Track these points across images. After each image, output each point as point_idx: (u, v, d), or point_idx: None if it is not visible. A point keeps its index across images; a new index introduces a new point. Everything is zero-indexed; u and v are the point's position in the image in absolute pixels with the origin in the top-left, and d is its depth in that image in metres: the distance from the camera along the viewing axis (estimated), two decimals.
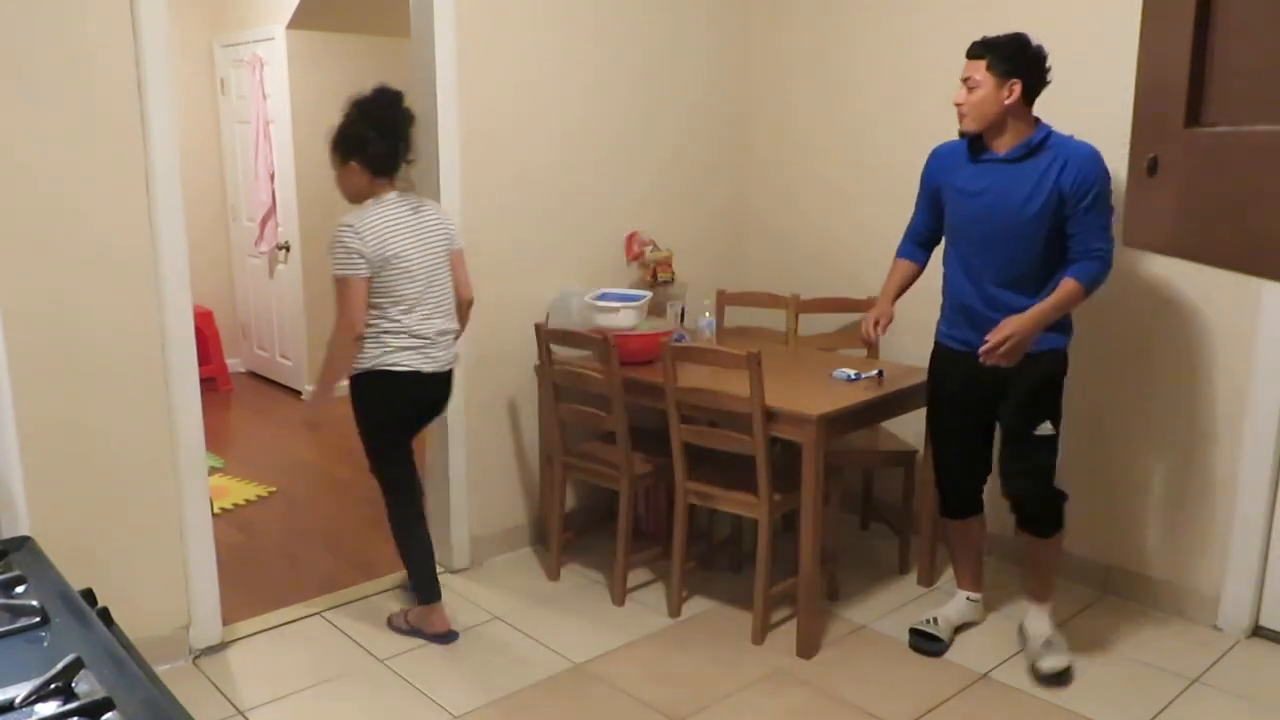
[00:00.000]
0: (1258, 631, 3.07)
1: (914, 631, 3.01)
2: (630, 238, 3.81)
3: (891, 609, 3.24)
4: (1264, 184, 0.52)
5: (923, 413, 3.29)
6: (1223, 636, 3.06)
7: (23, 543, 1.64)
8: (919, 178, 3.05)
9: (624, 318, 3.35)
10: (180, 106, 3.26)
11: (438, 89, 3.19)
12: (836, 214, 3.93)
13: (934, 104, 3.56)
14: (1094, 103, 3.16)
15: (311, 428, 3.86)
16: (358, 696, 2.73)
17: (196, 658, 2.90)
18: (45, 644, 1.33)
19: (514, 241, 3.48)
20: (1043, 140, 2.64)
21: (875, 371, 3.20)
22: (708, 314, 3.66)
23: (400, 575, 3.28)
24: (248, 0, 5.65)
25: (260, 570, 3.53)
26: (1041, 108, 3.27)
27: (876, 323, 2.98)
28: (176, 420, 2.77)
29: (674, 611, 3.18)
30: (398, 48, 5.61)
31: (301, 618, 3.16)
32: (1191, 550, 3.14)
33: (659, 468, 3.26)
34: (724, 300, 3.96)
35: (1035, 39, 2.65)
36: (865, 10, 3.72)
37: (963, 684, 2.80)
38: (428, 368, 2.85)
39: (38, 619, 1.37)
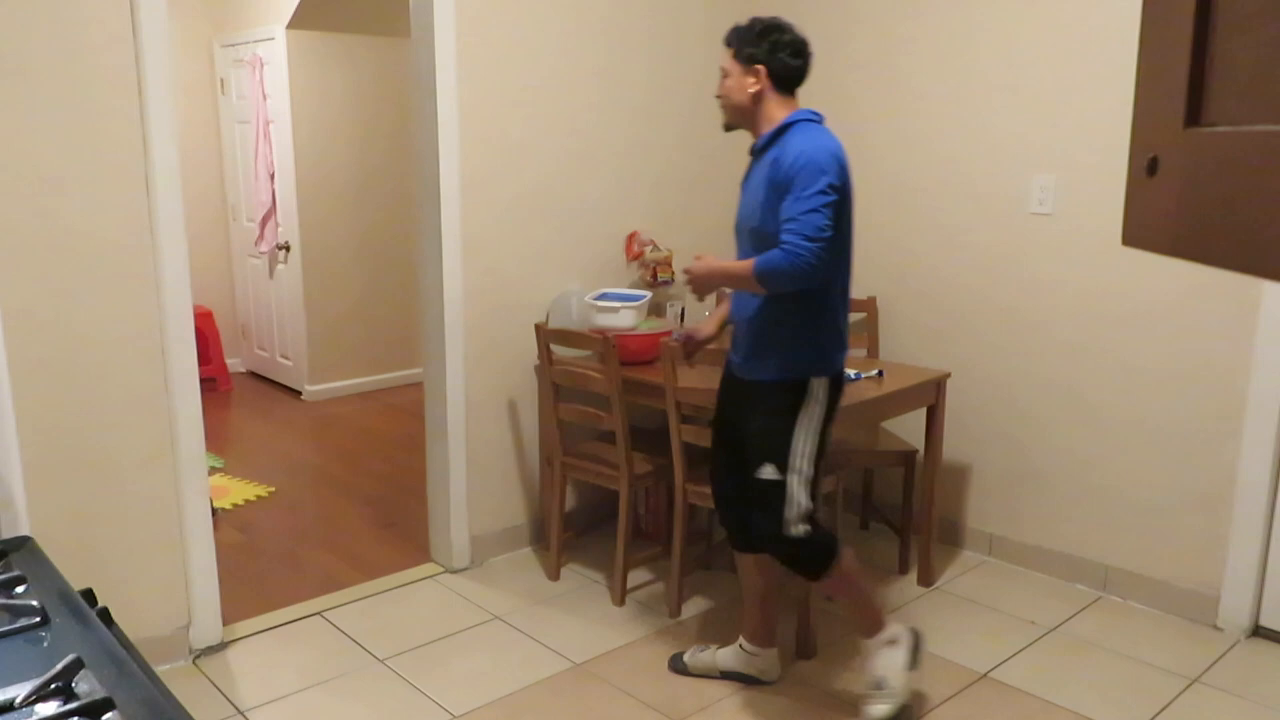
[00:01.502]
0: (1258, 631, 3.07)
1: (675, 656, 2.85)
2: (630, 238, 3.81)
3: (891, 609, 3.24)
4: (1264, 184, 0.52)
5: (923, 413, 3.30)
6: (1223, 636, 3.06)
7: (23, 543, 1.64)
8: (906, 176, 3.04)
9: (624, 318, 3.35)
10: (180, 106, 3.26)
11: (438, 89, 3.19)
12: None
13: (929, 107, 3.57)
14: (1094, 102, 3.16)
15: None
16: (358, 696, 2.73)
17: (196, 658, 2.90)
18: (45, 644, 1.33)
19: (514, 241, 3.48)
20: (780, 132, 2.36)
21: (875, 371, 3.20)
22: (707, 314, 3.66)
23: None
24: (248, 0, 5.65)
25: (260, 570, 3.53)
26: (1042, 107, 3.28)
27: (688, 338, 2.69)
28: (176, 420, 2.77)
29: (674, 611, 3.18)
30: (398, 48, 5.63)
31: (301, 618, 3.16)
32: (1191, 550, 3.14)
33: (659, 468, 3.26)
34: (724, 300, 3.96)
35: (779, 19, 2.40)
36: (863, 18, 3.72)
37: (963, 684, 2.80)
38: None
39: (38, 619, 1.37)
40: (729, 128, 2.51)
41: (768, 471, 2.42)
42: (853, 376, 3.15)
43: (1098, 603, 3.29)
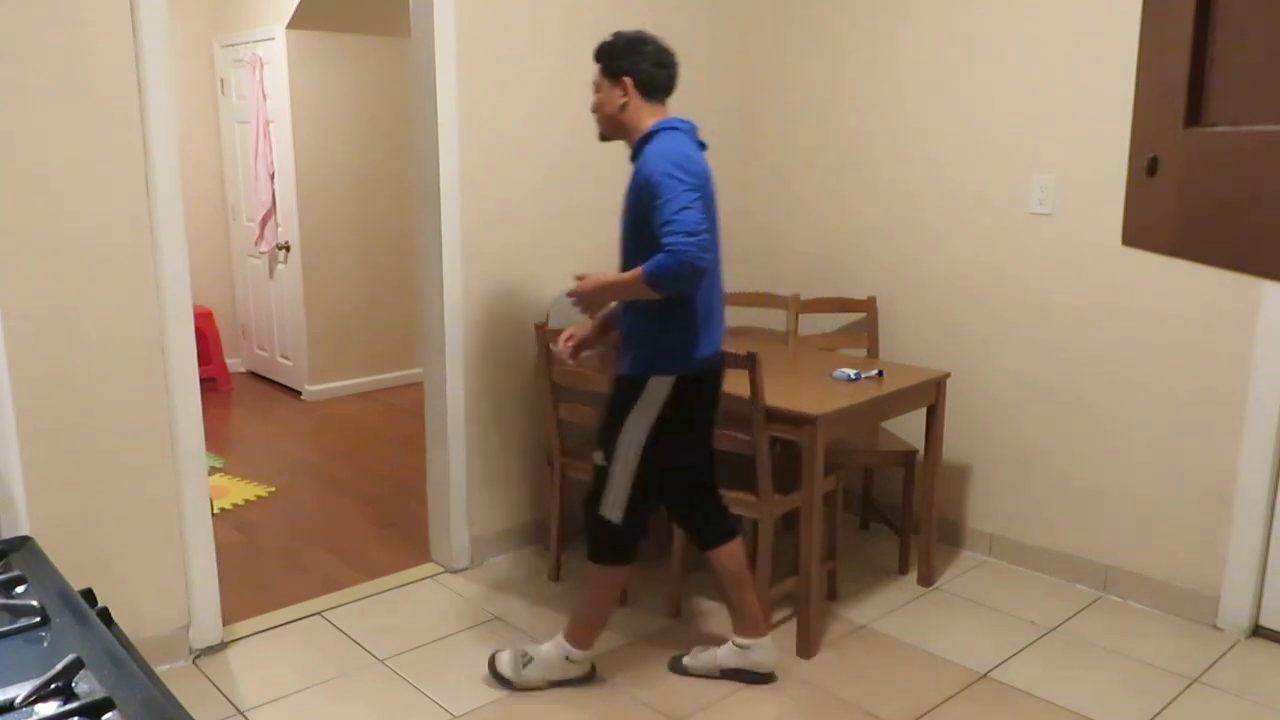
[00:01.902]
0: (1258, 631, 3.07)
1: (675, 657, 2.86)
2: None
3: (891, 609, 3.24)
4: (1264, 184, 0.52)
5: (923, 413, 3.30)
6: (1223, 636, 3.06)
7: (23, 543, 1.64)
8: (906, 176, 3.04)
9: None
10: (180, 106, 3.26)
11: (438, 89, 3.19)
12: (836, 215, 3.93)
13: (928, 107, 3.57)
14: (1094, 102, 3.16)
15: None
16: (358, 696, 2.73)
17: (196, 658, 2.90)
18: (45, 644, 1.33)
19: (514, 242, 3.48)
20: (645, 140, 2.46)
21: (875, 371, 3.20)
22: None
23: None
24: (248, 0, 5.65)
25: (260, 570, 3.53)
26: (1042, 107, 3.28)
27: (570, 338, 2.73)
28: (176, 420, 2.77)
29: (674, 611, 3.18)
30: (398, 48, 5.63)
31: (301, 618, 3.16)
32: (1191, 550, 3.14)
33: None
34: (724, 300, 3.96)
35: (642, 32, 2.55)
36: (862, 18, 3.72)
37: (963, 684, 2.80)
38: None
39: (38, 619, 1.37)
40: (604, 138, 2.59)
41: (598, 457, 2.59)
42: (853, 376, 3.15)
43: (1098, 603, 3.29)
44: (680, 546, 3.14)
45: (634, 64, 2.49)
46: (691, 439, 2.63)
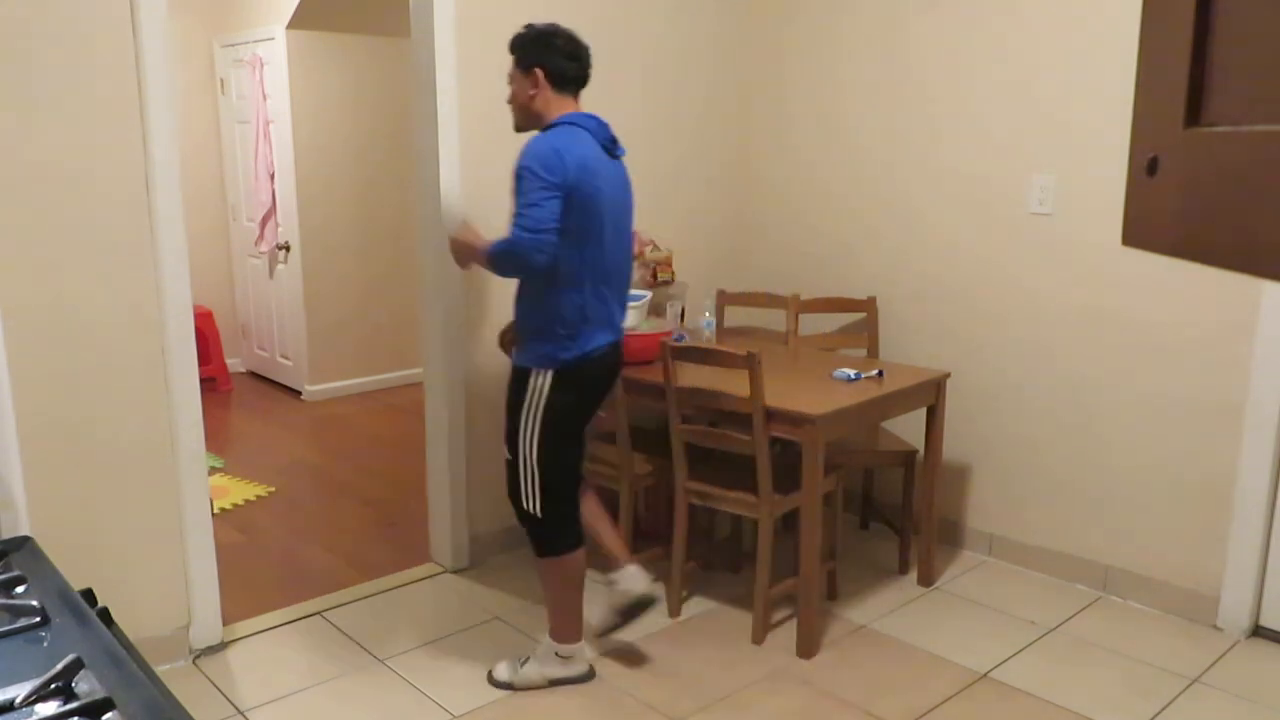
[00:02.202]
0: (1258, 631, 3.07)
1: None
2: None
3: (891, 609, 3.24)
4: (1264, 184, 0.52)
5: (923, 413, 3.30)
6: (1223, 636, 3.06)
7: (23, 543, 1.64)
8: (906, 176, 3.04)
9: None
10: (180, 106, 3.26)
11: (438, 89, 3.19)
12: (836, 214, 3.93)
13: (928, 107, 3.57)
14: (1094, 102, 3.16)
15: None
16: (358, 696, 2.73)
17: (196, 658, 2.90)
18: (45, 644, 1.33)
19: None
20: (547, 130, 2.53)
21: (875, 371, 3.20)
22: (708, 314, 3.66)
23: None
24: (248, 0, 5.65)
25: (260, 570, 3.53)
26: (1042, 107, 3.28)
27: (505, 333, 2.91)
28: (176, 420, 2.77)
29: (674, 611, 3.18)
30: (398, 48, 5.63)
31: (301, 618, 3.16)
32: (1191, 550, 3.14)
33: (659, 468, 3.26)
34: (724, 300, 3.97)
35: (555, 24, 2.60)
36: (863, 20, 3.72)
37: (963, 684, 2.80)
38: None
39: (38, 619, 1.37)
40: (518, 129, 2.64)
41: (506, 451, 2.66)
42: (853, 376, 3.15)
43: (1098, 603, 3.29)
44: (680, 546, 3.14)
45: (545, 56, 2.54)
46: (582, 424, 2.67)
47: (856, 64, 3.78)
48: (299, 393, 5.83)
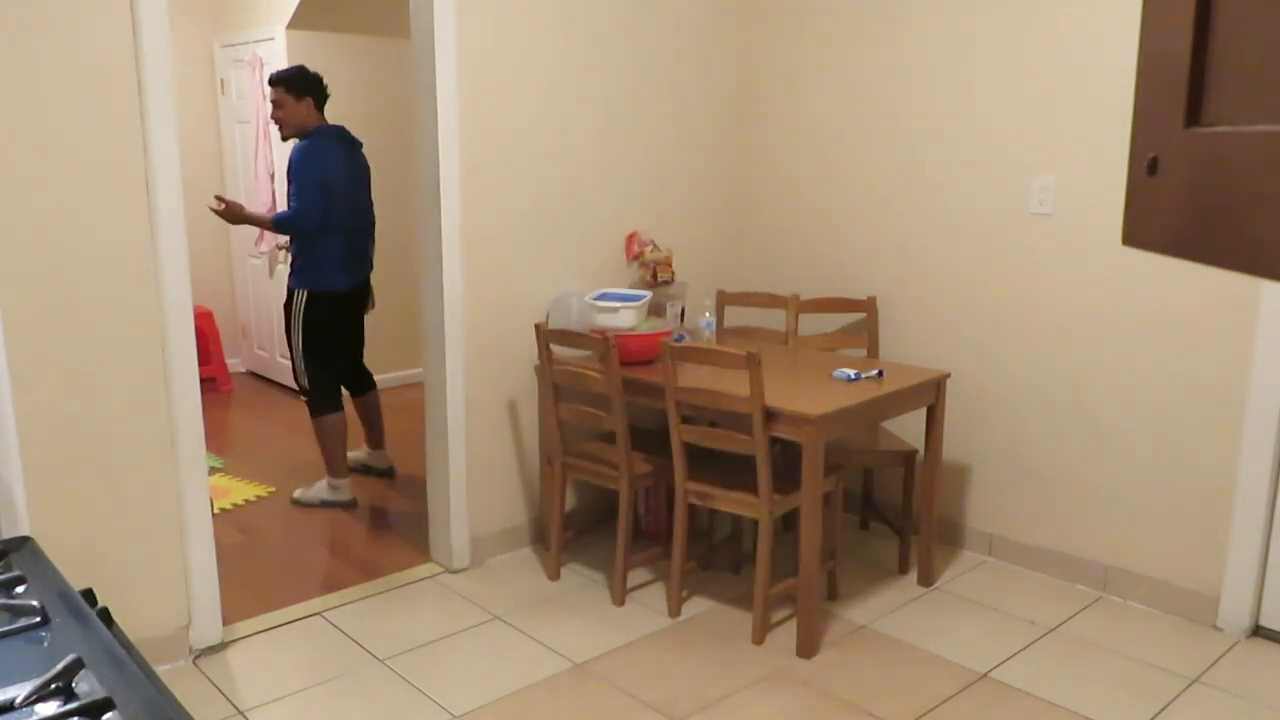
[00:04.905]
0: (1258, 631, 3.07)
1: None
2: (630, 238, 3.81)
3: (891, 609, 3.24)
4: (1264, 184, 0.52)
5: (923, 413, 3.31)
6: (1223, 636, 3.06)
7: (23, 543, 1.64)
8: (906, 176, 3.04)
9: (624, 318, 3.35)
10: (180, 106, 3.26)
11: (438, 89, 3.19)
12: (836, 215, 3.93)
13: (929, 107, 3.57)
14: (1094, 102, 3.16)
15: None
16: (358, 696, 2.73)
17: (196, 658, 2.90)
18: (45, 644, 1.33)
19: (514, 241, 3.48)
20: (307, 135, 3.91)
21: (875, 371, 3.20)
22: (708, 314, 3.66)
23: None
24: (248, 0, 5.65)
25: (260, 570, 3.53)
26: (1042, 107, 3.29)
27: (222, 201, 4.07)
28: (176, 420, 2.77)
29: (674, 611, 3.18)
30: (398, 48, 5.63)
31: (301, 618, 3.16)
32: (1191, 550, 3.14)
33: (659, 468, 3.26)
34: (724, 300, 3.97)
35: (310, 70, 3.99)
36: (864, 20, 3.72)
37: (963, 684, 2.80)
38: None
39: (38, 619, 1.37)
40: (286, 138, 3.98)
41: (287, 341, 4.07)
42: (853, 376, 3.15)
43: (1098, 603, 3.29)
44: (680, 546, 3.14)
45: (312, 89, 3.95)
46: (335, 335, 4.04)
47: (857, 63, 3.78)
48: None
